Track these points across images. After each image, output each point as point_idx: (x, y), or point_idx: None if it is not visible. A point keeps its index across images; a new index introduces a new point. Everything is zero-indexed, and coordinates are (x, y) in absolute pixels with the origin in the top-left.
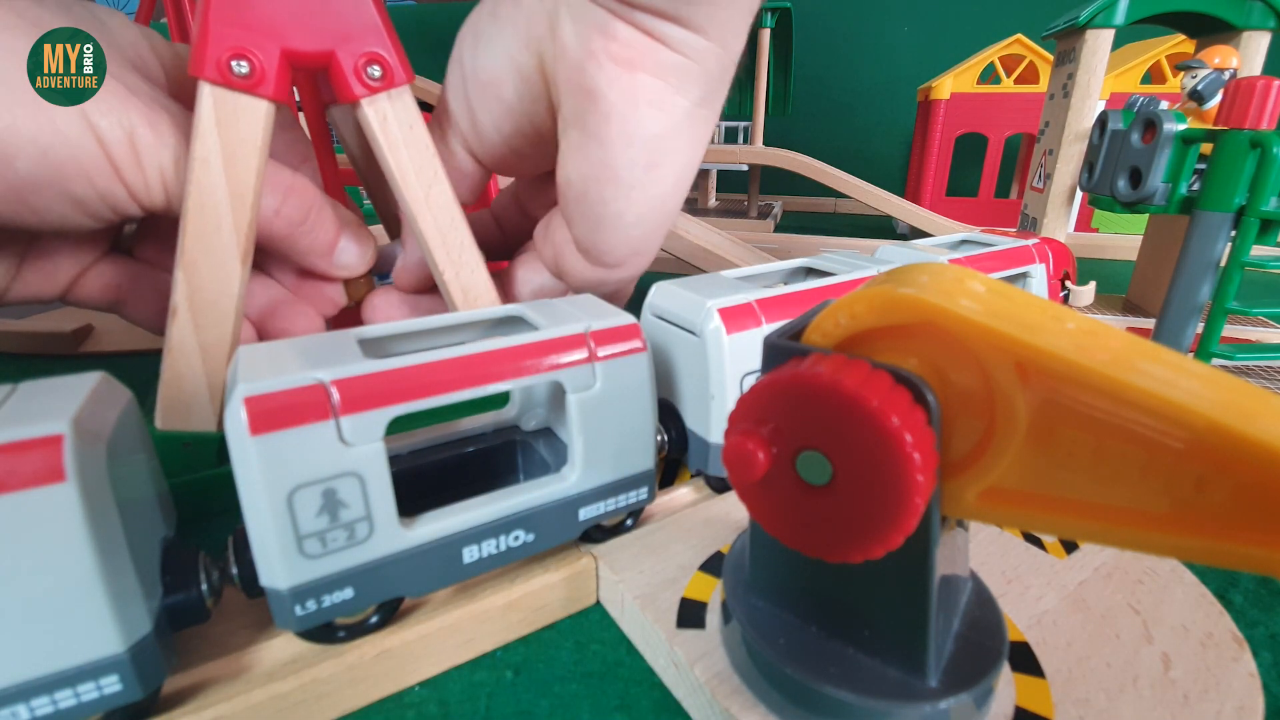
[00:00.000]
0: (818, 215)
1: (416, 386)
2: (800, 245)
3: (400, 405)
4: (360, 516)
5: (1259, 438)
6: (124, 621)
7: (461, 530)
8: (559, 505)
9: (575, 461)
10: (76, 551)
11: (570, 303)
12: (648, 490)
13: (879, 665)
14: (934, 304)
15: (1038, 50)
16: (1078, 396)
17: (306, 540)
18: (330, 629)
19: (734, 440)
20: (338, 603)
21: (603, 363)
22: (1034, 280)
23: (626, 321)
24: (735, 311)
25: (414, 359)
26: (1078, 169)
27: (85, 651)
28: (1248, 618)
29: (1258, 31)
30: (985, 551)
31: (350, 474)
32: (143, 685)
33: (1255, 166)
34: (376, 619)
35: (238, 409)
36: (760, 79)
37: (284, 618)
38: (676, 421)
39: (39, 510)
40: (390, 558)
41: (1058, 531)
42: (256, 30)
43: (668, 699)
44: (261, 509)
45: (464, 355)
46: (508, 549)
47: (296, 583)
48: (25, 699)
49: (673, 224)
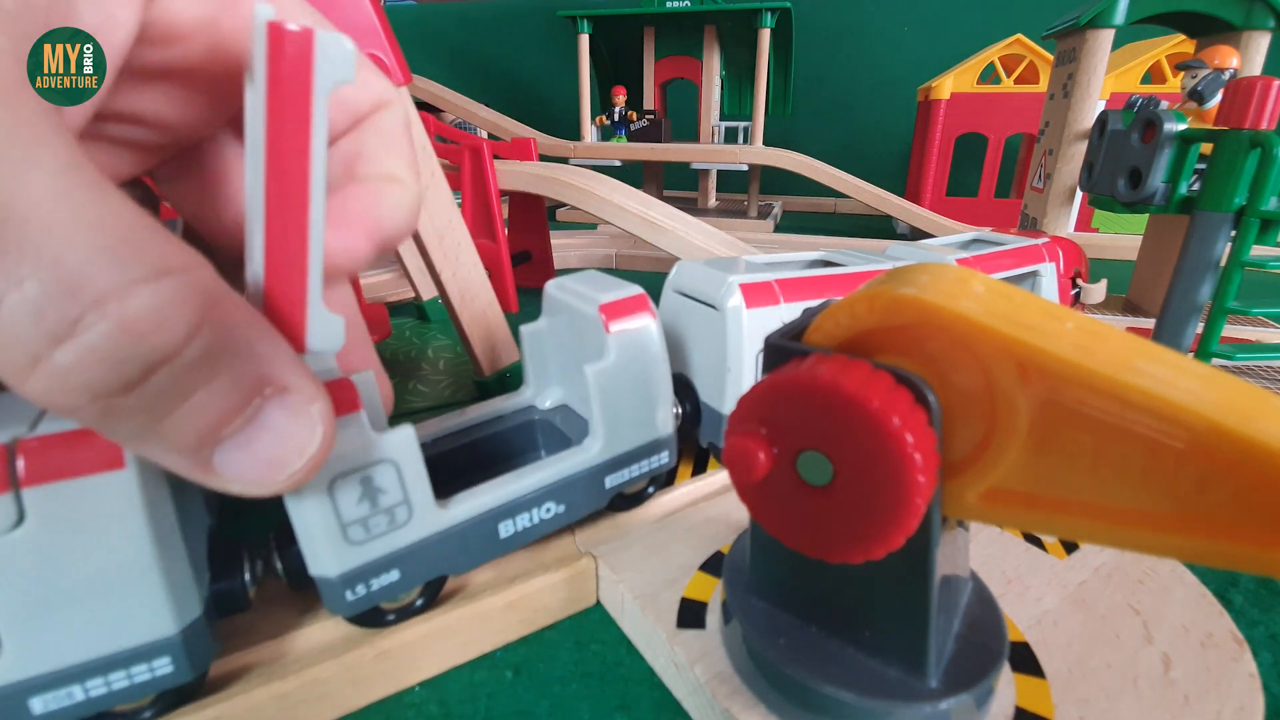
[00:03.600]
0: (818, 215)
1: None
2: (800, 245)
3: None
4: (399, 501)
5: (1259, 438)
6: (177, 605)
7: (495, 506)
8: (585, 475)
9: (597, 431)
10: (135, 536)
11: (578, 280)
12: (668, 454)
13: (879, 665)
14: (935, 304)
15: (1038, 50)
16: (1079, 397)
17: (350, 527)
18: (379, 613)
19: (735, 441)
20: (385, 585)
21: (614, 335)
22: (1044, 279)
23: (635, 293)
24: (756, 288)
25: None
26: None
27: (140, 634)
28: (1248, 618)
29: (1258, 31)
30: (985, 551)
31: (386, 461)
32: (193, 667)
33: (1255, 166)
34: (422, 601)
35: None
36: (760, 79)
37: (336, 604)
38: (691, 395)
39: (99, 496)
40: (430, 538)
41: (1058, 532)
42: None
43: (668, 699)
44: (304, 501)
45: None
46: (540, 521)
47: (345, 569)
48: (80, 680)
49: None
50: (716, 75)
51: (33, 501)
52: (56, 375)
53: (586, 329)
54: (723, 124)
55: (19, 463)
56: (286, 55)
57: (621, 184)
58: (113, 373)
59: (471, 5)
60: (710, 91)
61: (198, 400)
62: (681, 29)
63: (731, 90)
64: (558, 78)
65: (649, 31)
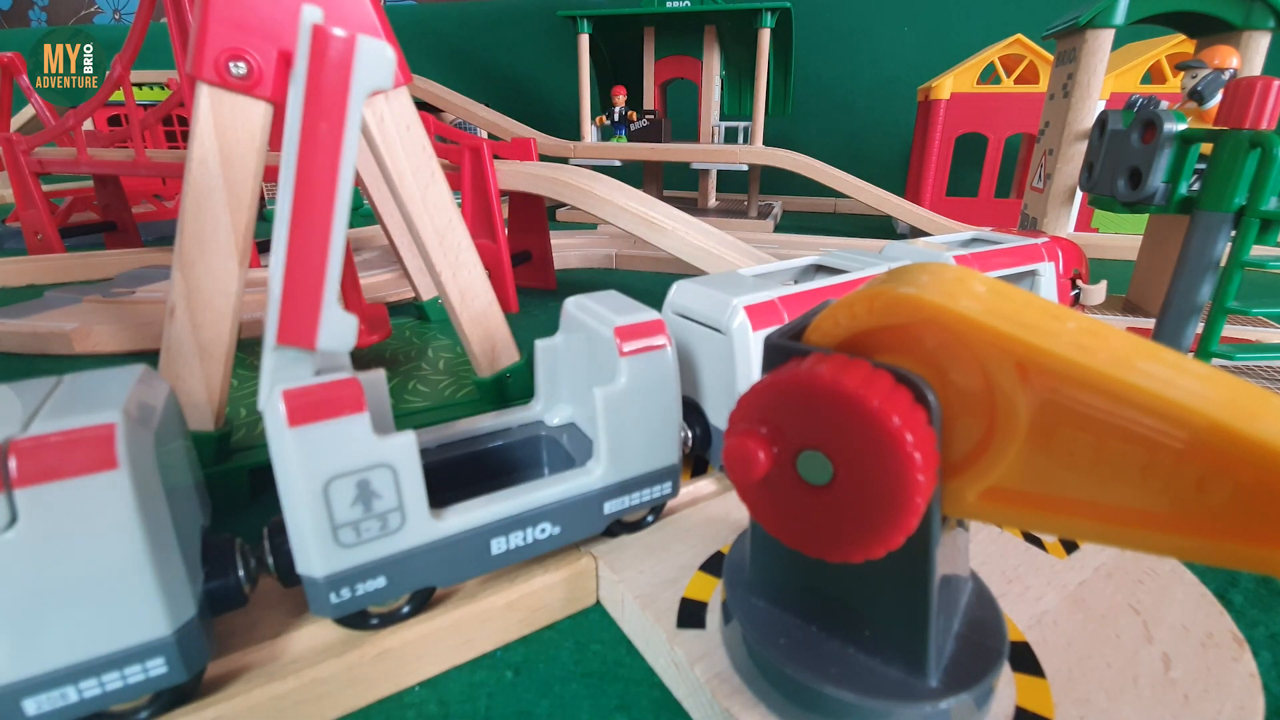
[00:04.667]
0: (818, 215)
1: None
2: (800, 245)
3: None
4: (393, 507)
5: (1259, 438)
6: (171, 605)
7: (489, 522)
8: (584, 499)
9: (600, 455)
10: (128, 536)
11: (597, 299)
12: (671, 485)
13: (879, 665)
14: (935, 304)
15: (1038, 50)
16: (1078, 396)
17: (341, 530)
18: (364, 616)
19: (734, 440)
20: (371, 591)
21: (627, 358)
22: (1043, 278)
23: (651, 318)
24: (760, 309)
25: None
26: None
27: (133, 634)
28: (1248, 618)
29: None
30: (985, 551)
31: (383, 465)
32: (187, 668)
33: (1255, 166)
34: (409, 608)
35: (276, 402)
36: (760, 79)
37: (320, 605)
38: (700, 418)
39: (92, 496)
40: (421, 548)
41: (1058, 531)
42: (254, 32)
43: (668, 699)
44: (298, 498)
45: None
46: (534, 541)
47: (332, 571)
48: (74, 681)
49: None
50: (716, 75)
51: (25, 502)
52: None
53: (600, 350)
54: (723, 124)
55: (11, 463)
56: (328, 58)
57: (621, 184)
58: None
59: (471, 5)
60: (710, 91)
61: None
62: (681, 29)
63: (731, 90)
64: (558, 78)
65: (649, 31)
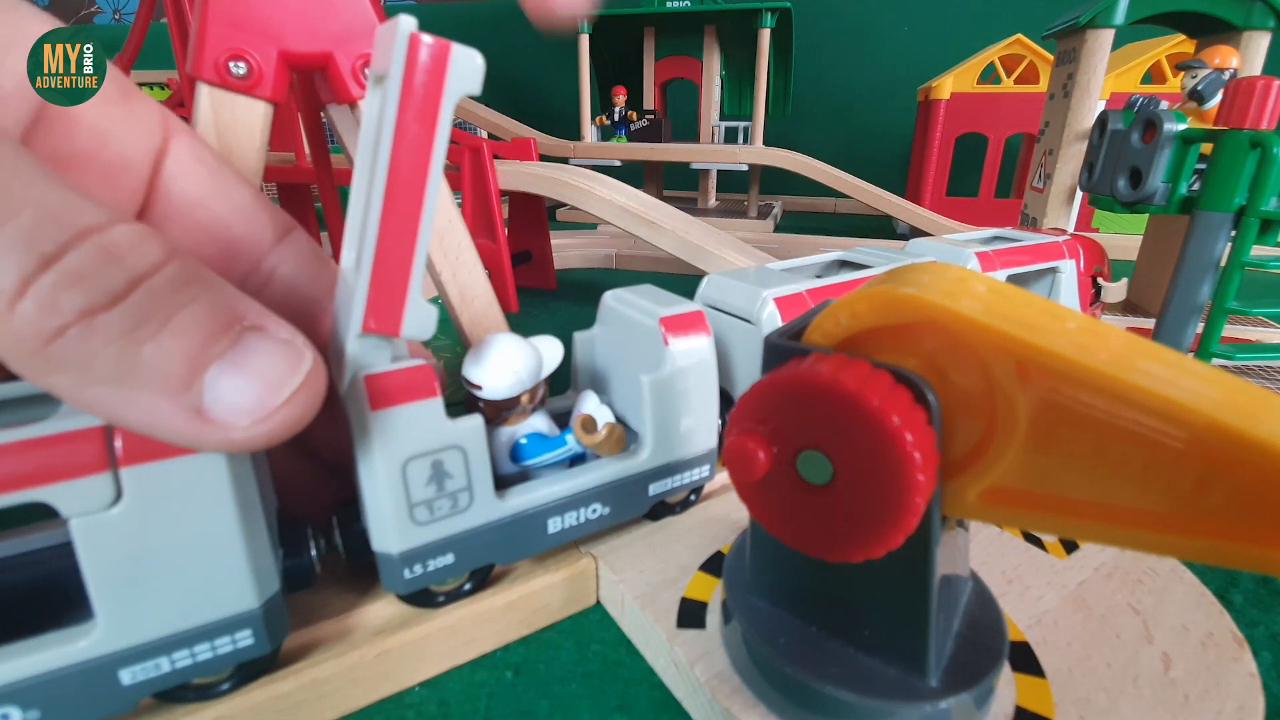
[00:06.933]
0: (818, 215)
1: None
2: (800, 245)
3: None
4: (462, 486)
5: (1259, 437)
6: (259, 580)
7: (549, 502)
8: (631, 481)
9: (646, 440)
10: (223, 514)
11: (635, 292)
12: (709, 468)
13: (879, 665)
14: (935, 303)
15: (1038, 50)
16: (1078, 396)
17: (417, 508)
18: (429, 594)
19: (734, 440)
20: (440, 567)
21: (671, 347)
22: (1064, 276)
23: (692, 309)
24: (789, 301)
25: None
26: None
27: (226, 607)
28: (1248, 618)
29: (1258, 31)
30: (985, 551)
31: (455, 447)
32: (271, 639)
33: (1255, 166)
34: (470, 585)
35: (360, 387)
36: (760, 79)
37: (392, 580)
38: (731, 406)
39: (191, 475)
40: (486, 526)
41: (1058, 531)
42: (254, 32)
43: (668, 699)
44: (379, 477)
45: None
46: (585, 521)
47: (407, 547)
48: (168, 652)
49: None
50: (716, 75)
51: (130, 481)
52: (44, 294)
53: (644, 340)
54: (723, 124)
55: (117, 443)
56: (422, 63)
57: (621, 184)
58: (97, 286)
59: (471, 5)
60: (710, 91)
61: (181, 321)
62: (681, 29)
63: (731, 90)
64: (558, 78)
65: (649, 31)
